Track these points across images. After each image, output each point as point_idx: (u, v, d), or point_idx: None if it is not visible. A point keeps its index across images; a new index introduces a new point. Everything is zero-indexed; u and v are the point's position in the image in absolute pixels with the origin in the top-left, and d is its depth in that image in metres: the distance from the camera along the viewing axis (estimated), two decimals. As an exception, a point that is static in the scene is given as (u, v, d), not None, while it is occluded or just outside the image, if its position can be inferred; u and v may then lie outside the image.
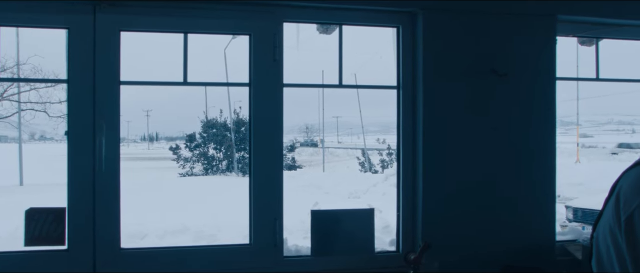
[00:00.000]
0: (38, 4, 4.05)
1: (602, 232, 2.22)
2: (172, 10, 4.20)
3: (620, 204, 2.09)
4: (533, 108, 4.67)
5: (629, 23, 5.08)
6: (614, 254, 2.12)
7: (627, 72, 5.49)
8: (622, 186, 2.15)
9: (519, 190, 4.66)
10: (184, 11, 4.22)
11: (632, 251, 2.01)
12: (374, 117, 32.22)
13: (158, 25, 4.24)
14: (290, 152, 30.76)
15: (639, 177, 2.12)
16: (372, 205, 8.43)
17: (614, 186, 2.24)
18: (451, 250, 4.41)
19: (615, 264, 2.12)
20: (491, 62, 4.55)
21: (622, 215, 2.06)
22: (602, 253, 2.23)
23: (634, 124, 63.70)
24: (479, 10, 4.55)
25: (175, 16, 4.21)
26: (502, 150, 4.61)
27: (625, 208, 2.06)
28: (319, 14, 4.47)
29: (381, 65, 4.74)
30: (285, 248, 4.47)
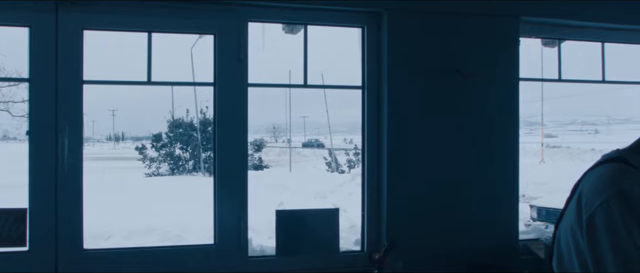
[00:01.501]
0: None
1: (564, 232, 2.24)
2: (136, 10, 4.17)
3: (581, 204, 2.11)
4: (497, 108, 4.72)
5: (590, 25, 5.15)
6: (574, 254, 2.14)
7: (588, 73, 5.56)
8: (584, 186, 2.17)
9: (483, 190, 4.69)
10: (147, 10, 4.18)
11: (592, 251, 2.03)
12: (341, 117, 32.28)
13: (121, 24, 4.21)
14: (257, 152, 30.65)
15: (600, 177, 2.14)
16: (339, 205, 8.41)
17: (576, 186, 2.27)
18: (416, 250, 4.43)
19: (575, 264, 2.14)
20: (455, 62, 4.58)
21: (584, 215, 2.08)
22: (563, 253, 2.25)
23: (597, 125, 64.49)
24: (443, 11, 4.58)
25: (139, 15, 4.18)
26: (467, 149, 4.65)
27: (587, 208, 2.07)
28: (284, 13, 4.46)
29: (348, 65, 4.74)
30: (250, 248, 4.46)
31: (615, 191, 2.03)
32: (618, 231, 1.97)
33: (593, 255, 2.03)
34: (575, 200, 2.17)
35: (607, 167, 2.19)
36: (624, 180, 2.06)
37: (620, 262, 1.93)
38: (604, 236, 1.99)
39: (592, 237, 2.04)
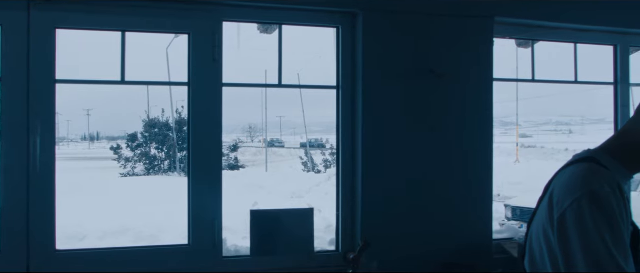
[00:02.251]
0: (-31, 0, 3.95)
1: (536, 231, 2.26)
2: (110, 8, 4.13)
3: (553, 203, 2.13)
4: (471, 108, 4.74)
5: (564, 26, 5.20)
6: (546, 253, 2.16)
7: (562, 73, 5.60)
8: (555, 186, 2.19)
9: (457, 190, 4.72)
10: (121, 9, 4.15)
11: (563, 249, 2.04)
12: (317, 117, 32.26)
13: (95, 23, 4.17)
14: (233, 152, 30.58)
15: (571, 177, 2.16)
16: (315, 205, 8.40)
17: (548, 186, 2.28)
18: (390, 249, 4.44)
19: (547, 263, 2.15)
20: (430, 62, 4.59)
21: (555, 214, 2.09)
22: (535, 252, 2.26)
23: (571, 125, 65.14)
24: (418, 11, 4.59)
25: (112, 14, 4.15)
26: (441, 150, 4.66)
27: (558, 207, 2.09)
28: (258, 13, 4.45)
29: (324, 65, 4.75)
30: (224, 249, 4.44)
31: (586, 191, 2.04)
32: (588, 230, 1.98)
33: (564, 255, 2.04)
34: (547, 200, 2.19)
35: (578, 167, 2.20)
36: (595, 180, 2.07)
37: (591, 262, 1.95)
38: (574, 235, 2.01)
39: (563, 236, 2.05)
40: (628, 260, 1.98)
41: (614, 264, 1.93)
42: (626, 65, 5.47)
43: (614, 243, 1.95)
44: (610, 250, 1.94)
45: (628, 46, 5.50)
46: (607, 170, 2.17)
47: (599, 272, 1.92)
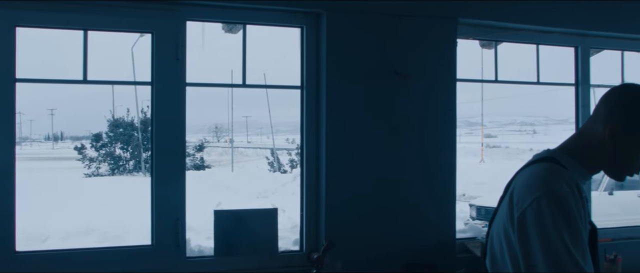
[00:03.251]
0: None
1: (496, 230, 2.28)
2: (71, 7, 4.08)
3: (513, 203, 2.15)
4: (434, 108, 4.77)
5: (526, 27, 5.25)
6: (506, 252, 2.18)
7: (524, 74, 5.66)
8: (516, 185, 2.21)
9: (421, 189, 4.74)
10: (83, 7, 4.10)
11: (523, 248, 2.06)
12: (283, 117, 32.21)
13: (56, 21, 4.12)
14: (199, 152, 30.43)
15: (531, 176, 2.18)
16: (281, 205, 8.38)
17: (508, 185, 2.31)
18: (354, 249, 4.44)
19: (507, 262, 2.18)
20: (394, 63, 4.61)
21: (515, 213, 2.12)
22: (495, 251, 2.28)
23: (535, 125, 65.83)
24: (382, 12, 4.61)
25: (74, 12, 4.09)
26: (405, 150, 4.68)
27: (518, 206, 2.11)
28: (223, 13, 4.44)
29: (290, 65, 4.74)
30: (188, 249, 4.42)
31: (546, 190, 2.07)
32: (548, 230, 2.01)
33: (524, 253, 2.06)
34: (508, 199, 2.22)
35: (538, 167, 2.23)
36: (554, 180, 2.10)
37: (550, 260, 1.97)
38: (534, 234, 2.03)
39: (522, 235, 2.08)
40: (586, 259, 2.01)
41: (573, 263, 1.95)
42: (586, 66, 5.55)
43: (572, 241, 1.98)
44: (569, 249, 1.96)
45: (588, 48, 5.57)
46: (566, 169, 2.20)
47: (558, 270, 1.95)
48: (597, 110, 2.31)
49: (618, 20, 5.44)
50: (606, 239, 5.45)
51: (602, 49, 5.78)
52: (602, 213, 10.88)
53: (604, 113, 2.25)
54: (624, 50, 5.82)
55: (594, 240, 2.27)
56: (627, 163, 2.26)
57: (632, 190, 14.58)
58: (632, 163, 2.26)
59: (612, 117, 2.22)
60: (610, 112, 2.23)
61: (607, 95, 2.31)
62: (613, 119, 2.21)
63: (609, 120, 2.22)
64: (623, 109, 2.21)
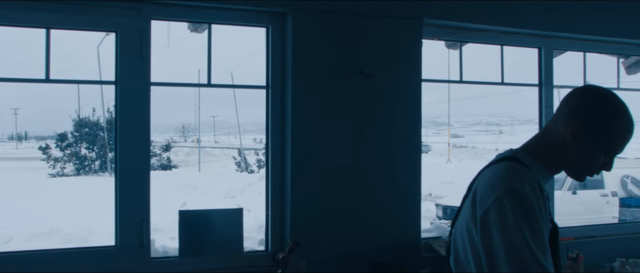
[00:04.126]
0: None
1: (459, 229, 2.30)
2: (33, 5, 4.03)
3: (476, 202, 2.17)
4: (400, 108, 4.78)
5: (490, 28, 5.30)
6: (469, 251, 2.20)
7: (490, 75, 5.71)
8: (479, 185, 2.24)
9: (386, 189, 4.75)
10: (46, 6, 4.05)
11: (486, 247, 2.08)
12: (251, 116, 32.18)
13: (17, 19, 4.06)
14: (166, 152, 30.30)
15: (493, 175, 2.21)
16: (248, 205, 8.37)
17: (471, 184, 2.33)
18: (320, 249, 4.45)
19: (471, 261, 2.20)
20: (359, 63, 4.62)
21: (478, 212, 2.14)
22: (459, 251, 2.30)
23: (501, 125, 66.46)
24: (348, 12, 4.62)
25: (36, 10, 4.03)
26: (370, 150, 4.70)
27: (481, 205, 2.14)
28: (187, 12, 4.41)
29: (257, 64, 4.73)
30: (153, 249, 4.38)
31: (508, 189, 2.09)
32: (510, 228, 2.03)
33: (486, 252, 2.09)
34: (471, 198, 2.24)
35: (500, 166, 2.26)
36: (516, 179, 2.13)
37: (512, 259, 1.99)
38: (496, 233, 2.05)
39: (485, 234, 2.10)
40: (546, 257, 2.04)
41: (534, 261, 1.98)
42: (550, 67, 5.61)
43: (534, 239, 2.01)
44: (531, 247, 1.99)
45: (551, 49, 5.64)
46: (528, 169, 2.23)
47: (520, 269, 1.97)
48: (559, 111, 2.34)
49: (580, 22, 5.52)
50: (569, 238, 5.52)
51: (565, 50, 5.85)
52: (566, 212, 11.06)
53: (566, 114, 2.28)
54: (586, 52, 5.89)
55: (555, 239, 2.30)
56: (587, 164, 2.30)
57: (595, 190, 14.82)
58: (592, 164, 2.30)
59: (574, 118, 2.25)
60: (572, 113, 2.26)
61: (569, 96, 2.34)
62: (575, 120, 2.25)
63: (571, 121, 2.25)
64: (585, 110, 2.25)
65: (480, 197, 2.18)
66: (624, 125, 2.24)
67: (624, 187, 16.76)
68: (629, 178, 16.84)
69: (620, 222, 12.51)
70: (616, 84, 6.23)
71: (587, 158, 2.28)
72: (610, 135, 2.25)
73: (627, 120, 2.25)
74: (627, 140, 2.28)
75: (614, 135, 2.25)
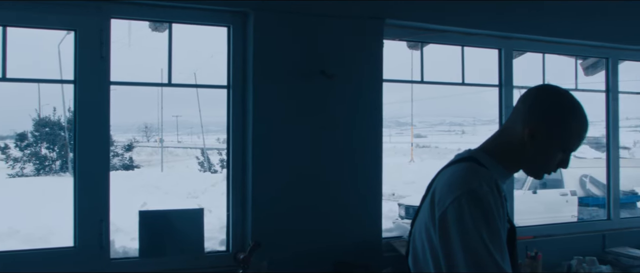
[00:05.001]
0: None
1: (418, 229, 2.31)
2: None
3: (435, 202, 2.19)
4: (361, 108, 4.80)
5: (451, 29, 5.34)
6: (428, 251, 2.21)
7: (452, 75, 5.76)
8: (437, 185, 2.25)
9: (348, 189, 4.77)
10: (1, 4, 3.99)
11: (444, 247, 2.10)
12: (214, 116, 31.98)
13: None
14: (128, 152, 30.03)
15: (452, 176, 2.23)
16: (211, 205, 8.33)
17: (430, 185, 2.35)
18: (281, 249, 4.44)
19: (429, 261, 2.21)
20: (321, 63, 4.63)
21: (436, 212, 2.15)
22: (417, 250, 2.32)
23: (464, 125, 66.94)
24: (309, 12, 4.62)
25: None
26: (332, 149, 4.71)
27: (440, 205, 2.15)
28: (148, 11, 4.38)
29: (220, 64, 4.70)
30: (112, 250, 4.34)
31: (466, 189, 2.11)
32: (468, 228, 2.04)
33: (444, 252, 2.10)
34: (429, 199, 2.25)
35: (459, 167, 2.27)
36: (474, 179, 2.15)
37: (470, 259, 2.01)
38: (454, 233, 2.07)
39: (444, 234, 2.11)
40: (504, 257, 2.06)
41: (492, 261, 2.00)
42: (509, 68, 5.67)
43: (491, 240, 2.02)
44: (488, 247, 2.00)
45: (511, 50, 5.70)
46: (486, 169, 2.25)
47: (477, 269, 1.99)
48: (516, 110, 2.37)
49: (540, 24, 5.59)
50: (528, 236, 5.58)
51: (525, 52, 5.92)
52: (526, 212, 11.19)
53: (523, 113, 2.31)
54: (545, 53, 5.97)
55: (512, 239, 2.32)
56: (545, 163, 2.33)
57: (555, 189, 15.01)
58: (549, 163, 2.33)
59: (532, 117, 2.28)
60: (529, 113, 2.29)
61: (526, 95, 2.37)
62: (532, 119, 2.28)
63: (528, 121, 2.28)
64: (541, 109, 2.28)
65: (438, 197, 2.19)
66: (579, 123, 2.28)
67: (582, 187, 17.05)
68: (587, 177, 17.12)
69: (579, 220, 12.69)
70: (574, 85, 6.32)
71: (544, 156, 2.31)
72: (567, 134, 2.29)
73: (583, 118, 2.29)
74: (583, 138, 2.32)
75: (570, 133, 2.29)
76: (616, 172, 6.44)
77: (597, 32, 5.95)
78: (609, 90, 6.39)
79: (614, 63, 6.38)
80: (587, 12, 5.79)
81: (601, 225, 6.40)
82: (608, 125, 6.44)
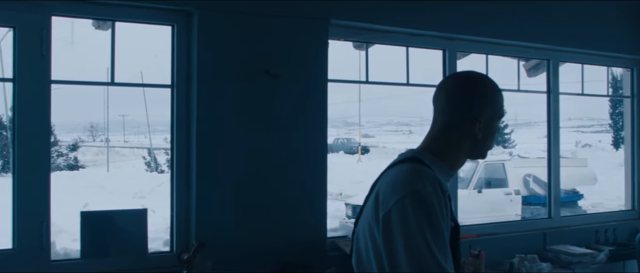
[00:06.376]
0: None
1: (362, 229, 2.31)
2: None
3: (379, 202, 2.19)
4: (306, 108, 4.81)
5: (395, 30, 5.39)
6: (371, 251, 2.21)
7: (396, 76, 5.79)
8: (381, 185, 2.25)
9: (293, 189, 4.77)
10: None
11: (388, 247, 2.10)
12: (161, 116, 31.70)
13: None
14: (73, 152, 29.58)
15: (396, 176, 2.23)
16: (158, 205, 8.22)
17: (374, 185, 2.35)
18: (226, 249, 4.42)
19: (372, 261, 2.21)
20: (266, 63, 4.62)
21: (380, 212, 2.15)
22: (361, 250, 2.31)
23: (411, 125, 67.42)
24: (254, 11, 4.61)
25: None
26: (277, 149, 4.70)
27: (384, 206, 2.15)
28: (90, 8, 4.32)
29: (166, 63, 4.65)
30: (53, 252, 4.26)
31: (410, 190, 2.11)
32: (411, 229, 2.05)
33: (388, 253, 2.10)
34: (373, 199, 2.25)
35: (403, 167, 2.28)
36: (418, 180, 2.15)
37: (413, 260, 2.02)
38: (398, 234, 2.07)
39: (387, 234, 2.11)
40: (447, 257, 2.07)
41: (434, 262, 2.01)
42: (453, 69, 5.73)
43: (434, 241, 2.03)
44: (431, 248, 2.01)
45: (455, 51, 5.77)
46: (429, 169, 2.25)
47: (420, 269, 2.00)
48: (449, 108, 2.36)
49: (483, 25, 5.68)
50: (472, 235, 5.66)
51: (469, 53, 6.00)
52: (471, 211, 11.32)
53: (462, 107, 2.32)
54: (488, 54, 6.05)
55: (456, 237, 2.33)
56: (491, 140, 2.40)
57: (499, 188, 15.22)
58: (494, 138, 2.41)
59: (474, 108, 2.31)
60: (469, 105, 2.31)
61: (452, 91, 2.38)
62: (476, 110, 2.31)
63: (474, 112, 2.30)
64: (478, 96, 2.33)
65: (382, 198, 2.19)
66: (499, 90, 2.40)
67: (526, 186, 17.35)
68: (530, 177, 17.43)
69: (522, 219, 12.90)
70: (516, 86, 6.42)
71: (491, 134, 2.38)
72: (500, 105, 2.40)
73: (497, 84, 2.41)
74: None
75: (501, 103, 2.41)
76: (557, 171, 6.56)
77: (539, 34, 6.07)
78: (550, 91, 6.51)
79: (555, 65, 6.50)
80: (529, 15, 5.90)
81: (542, 223, 6.53)
82: (549, 126, 6.56)
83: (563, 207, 6.80)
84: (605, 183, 19.74)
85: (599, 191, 19.59)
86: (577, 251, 5.90)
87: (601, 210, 13.91)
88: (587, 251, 5.97)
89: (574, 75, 6.89)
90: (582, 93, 7.06)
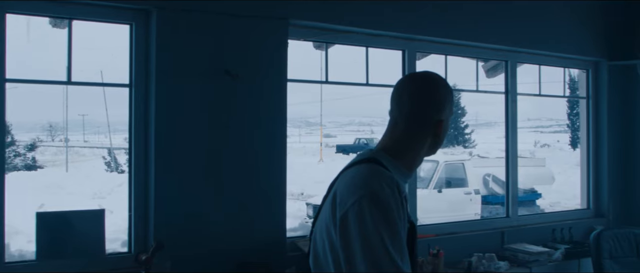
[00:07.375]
0: None
1: (319, 230, 2.31)
2: None
3: (336, 203, 2.19)
4: (265, 108, 4.81)
5: (355, 30, 5.41)
6: (329, 251, 2.22)
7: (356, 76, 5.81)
8: (339, 186, 2.26)
9: (252, 188, 4.77)
10: None
11: (345, 248, 2.11)
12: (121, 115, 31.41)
13: None
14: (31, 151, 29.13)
15: (354, 177, 2.24)
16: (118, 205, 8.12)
17: (332, 185, 2.35)
18: (185, 249, 4.40)
19: (330, 261, 2.21)
20: (226, 62, 4.61)
21: (338, 213, 2.16)
22: (318, 251, 2.32)
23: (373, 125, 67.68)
24: (213, 11, 4.59)
25: None
26: (236, 149, 4.70)
27: (341, 206, 2.15)
28: (46, 6, 4.27)
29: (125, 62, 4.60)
30: (7, 254, 4.21)
31: (367, 191, 2.12)
32: (368, 230, 2.06)
33: (345, 254, 2.11)
34: (331, 199, 2.25)
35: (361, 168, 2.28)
36: (375, 181, 2.16)
37: (369, 260, 2.02)
38: (355, 235, 2.08)
39: (344, 235, 2.12)
40: (404, 258, 2.08)
41: (391, 263, 2.02)
42: (413, 69, 5.76)
43: (391, 241, 2.05)
44: (388, 249, 2.02)
45: (414, 51, 5.80)
46: (387, 170, 2.26)
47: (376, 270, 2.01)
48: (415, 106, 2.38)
49: (442, 26, 5.73)
50: (431, 235, 5.70)
51: (429, 53, 6.04)
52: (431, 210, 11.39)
53: (428, 109, 2.34)
54: (447, 55, 6.10)
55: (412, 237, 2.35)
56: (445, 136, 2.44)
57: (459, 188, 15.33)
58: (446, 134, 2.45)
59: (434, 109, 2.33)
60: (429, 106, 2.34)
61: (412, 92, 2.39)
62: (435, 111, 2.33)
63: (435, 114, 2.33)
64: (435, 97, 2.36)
65: (340, 198, 2.20)
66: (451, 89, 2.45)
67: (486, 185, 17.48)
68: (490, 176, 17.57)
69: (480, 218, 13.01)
70: (475, 86, 6.49)
71: (446, 131, 2.42)
72: (452, 104, 2.45)
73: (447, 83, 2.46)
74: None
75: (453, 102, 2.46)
76: (514, 171, 6.65)
77: (497, 35, 6.14)
78: (508, 92, 6.59)
79: (512, 65, 6.58)
80: (488, 16, 5.97)
81: (500, 222, 6.60)
82: (507, 126, 6.64)
83: (521, 206, 6.89)
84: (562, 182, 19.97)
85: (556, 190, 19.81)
86: (534, 249, 5.98)
87: (558, 209, 14.08)
88: (543, 249, 6.05)
89: (532, 76, 6.99)
90: (539, 94, 7.16)
